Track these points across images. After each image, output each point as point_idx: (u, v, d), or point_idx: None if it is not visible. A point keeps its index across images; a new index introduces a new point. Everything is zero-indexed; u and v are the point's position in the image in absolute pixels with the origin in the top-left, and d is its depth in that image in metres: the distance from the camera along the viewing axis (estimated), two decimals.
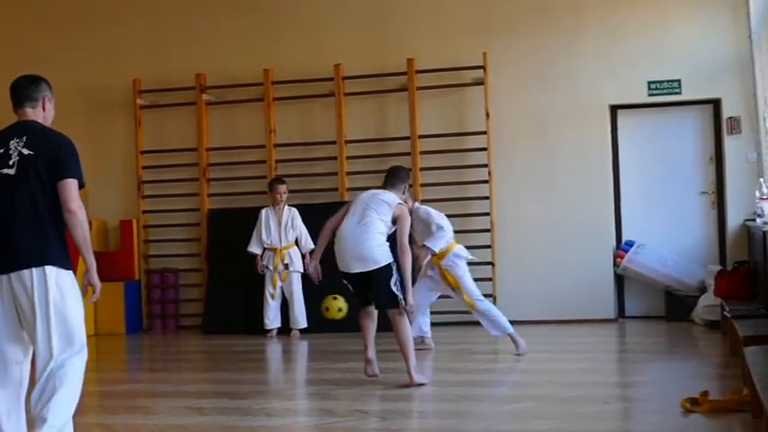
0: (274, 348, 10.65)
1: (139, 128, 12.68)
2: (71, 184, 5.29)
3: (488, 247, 11.67)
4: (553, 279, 11.62)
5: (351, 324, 11.02)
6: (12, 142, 5.31)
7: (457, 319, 11.69)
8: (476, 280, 11.60)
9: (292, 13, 12.39)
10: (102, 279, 12.49)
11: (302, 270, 11.09)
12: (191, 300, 12.47)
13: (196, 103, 12.47)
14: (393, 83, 12.00)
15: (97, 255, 12.19)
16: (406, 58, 11.83)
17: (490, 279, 11.64)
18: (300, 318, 11.19)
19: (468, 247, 11.69)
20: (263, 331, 11.22)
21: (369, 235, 7.96)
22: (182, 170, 12.61)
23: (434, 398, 7.28)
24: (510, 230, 11.71)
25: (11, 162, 5.26)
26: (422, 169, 11.83)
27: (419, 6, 12.09)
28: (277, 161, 12.22)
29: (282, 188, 11.32)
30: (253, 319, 11.41)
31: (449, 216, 11.67)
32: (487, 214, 11.69)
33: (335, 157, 12.05)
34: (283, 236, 11.24)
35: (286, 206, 11.33)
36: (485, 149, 11.69)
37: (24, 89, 5.54)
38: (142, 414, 7.06)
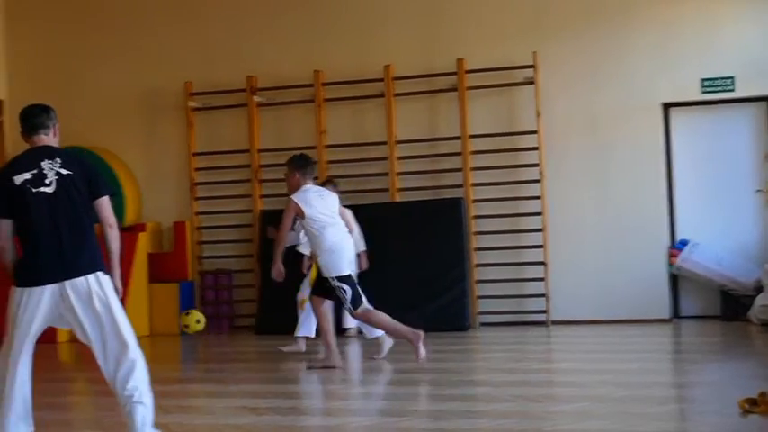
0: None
1: (191, 130, 12.80)
2: (107, 202, 5.85)
3: (540, 246, 11.62)
4: (606, 279, 11.55)
5: (415, 324, 11.12)
6: (44, 163, 5.76)
7: (509, 320, 11.69)
8: (528, 280, 11.65)
9: (343, 14, 12.43)
10: (156, 280, 12.74)
11: (357, 271, 11.07)
12: (244, 301, 12.56)
13: (247, 104, 12.56)
14: (443, 83, 11.99)
15: (152, 256, 12.46)
16: (456, 58, 11.83)
17: (542, 279, 11.60)
18: (350, 318, 11.15)
19: (519, 248, 11.75)
20: (315, 331, 11.23)
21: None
22: (234, 172, 12.70)
23: (488, 398, 7.26)
24: (562, 230, 11.65)
25: (47, 181, 5.70)
26: (473, 169, 11.81)
27: (469, 6, 12.07)
28: (328, 162, 12.27)
29: (328, 189, 11.19)
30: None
31: (501, 216, 11.74)
32: (539, 214, 11.64)
33: (386, 158, 12.07)
34: None
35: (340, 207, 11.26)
36: (536, 149, 11.64)
37: (38, 117, 6.03)
38: (198, 414, 7.12)
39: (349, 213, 11.06)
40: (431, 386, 7.66)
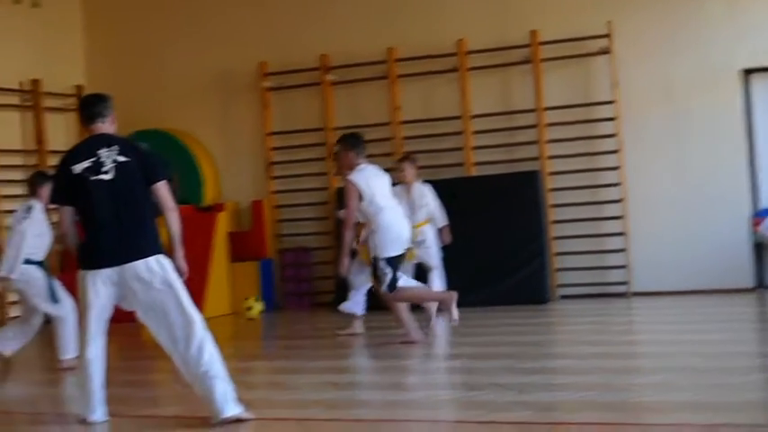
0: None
1: (266, 110, 12.90)
2: (165, 186, 6.00)
3: (620, 217, 11.51)
4: (687, 248, 11.40)
5: (495, 298, 11.12)
6: (101, 152, 5.93)
7: (589, 292, 11.60)
8: (608, 251, 11.55)
9: None
10: (236, 259, 12.85)
11: (436, 246, 11.10)
12: (323, 278, 12.64)
13: (321, 83, 12.61)
14: (516, 55, 11.90)
15: (231, 235, 12.57)
16: (529, 30, 11.72)
17: (623, 250, 11.49)
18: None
19: (598, 219, 11.64)
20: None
21: None
22: (309, 150, 12.77)
23: (571, 370, 7.23)
24: (641, 200, 11.51)
25: (105, 169, 5.89)
26: (548, 141, 11.72)
27: None
28: (403, 138, 12.27)
29: (404, 165, 11.16)
30: None
31: (579, 188, 11.63)
32: (618, 185, 11.52)
33: (461, 133, 12.03)
34: (414, 214, 11.15)
35: (418, 183, 11.20)
36: (613, 119, 11.51)
37: (96, 106, 6.19)
38: (281, 389, 7.20)
39: (427, 189, 11.07)
40: (511, 359, 7.64)
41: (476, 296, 11.21)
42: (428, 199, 11.08)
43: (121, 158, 5.90)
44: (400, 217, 8.90)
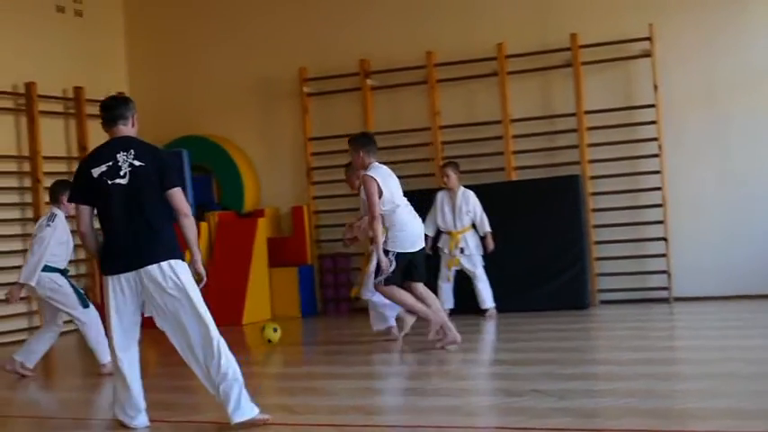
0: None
1: (306, 115, 12.94)
2: (180, 192, 6.00)
3: (661, 222, 11.41)
4: (729, 253, 11.28)
5: (535, 303, 11.08)
6: (119, 155, 5.96)
7: (630, 297, 11.52)
8: (649, 256, 11.44)
9: None
10: (276, 265, 12.88)
11: (482, 253, 11.08)
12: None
13: (361, 88, 12.63)
14: (557, 59, 11.85)
15: (271, 241, 12.61)
16: (569, 34, 11.66)
17: (664, 255, 11.39)
18: (487, 298, 11.15)
19: (639, 224, 11.55)
20: None
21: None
22: (348, 155, 12.72)
23: (612, 377, 7.18)
24: (683, 204, 11.41)
25: (122, 173, 5.92)
26: (589, 145, 11.65)
27: None
28: (443, 143, 12.26)
29: (447, 171, 11.18)
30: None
31: (620, 192, 11.55)
32: (659, 189, 11.42)
33: (501, 137, 11.99)
34: (458, 219, 11.15)
35: (461, 189, 11.19)
36: (654, 123, 11.42)
37: (116, 108, 6.20)
38: (320, 395, 7.21)
39: (472, 195, 11.06)
40: (551, 365, 7.60)
41: (516, 301, 11.18)
42: (472, 205, 11.08)
43: (137, 163, 5.93)
44: (414, 216, 8.93)
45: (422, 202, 11.65)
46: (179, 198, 5.98)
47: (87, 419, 7.01)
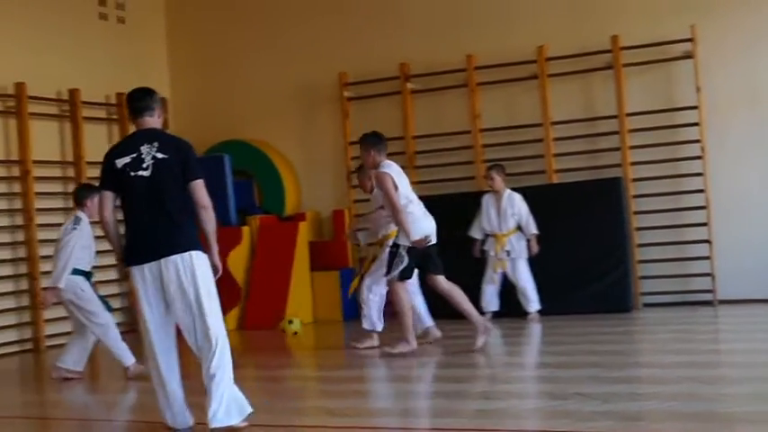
0: (491, 332, 10.64)
1: (347, 119, 12.97)
2: (202, 185, 6.03)
3: (704, 224, 11.32)
4: None
5: (577, 306, 11.04)
6: (143, 147, 6.00)
7: (674, 300, 11.44)
8: (692, 259, 11.35)
9: None
10: (317, 268, 12.91)
11: (527, 256, 11.06)
12: None
13: (401, 92, 12.64)
14: (598, 61, 11.79)
15: (312, 245, 12.65)
16: (610, 36, 11.60)
17: (707, 257, 11.29)
18: (532, 301, 11.13)
19: (682, 226, 11.46)
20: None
21: None
22: (389, 159, 12.74)
23: (656, 380, 7.14)
24: (727, 207, 11.30)
25: (145, 165, 5.95)
26: (631, 148, 11.59)
27: None
28: (483, 146, 12.24)
29: (492, 174, 11.20)
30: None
31: (662, 195, 11.47)
32: (702, 191, 11.33)
33: (542, 140, 11.96)
34: (503, 222, 11.15)
35: (507, 191, 11.19)
36: (696, 125, 11.33)
37: (142, 99, 6.23)
38: (363, 398, 7.24)
39: (518, 198, 11.06)
40: (595, 368, 7.57)
41: (558, 304, 11.14)
42: (517, 208, 11.06)
43: (160, 155, 5.96)
44: (425, 213, 8.96)
45: (462, 205, 11.71)
46: (201, 190, 6.02)
47: (134, 421, 7.07)
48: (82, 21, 12.81)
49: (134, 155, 5.99)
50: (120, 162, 6.00)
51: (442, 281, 9.03)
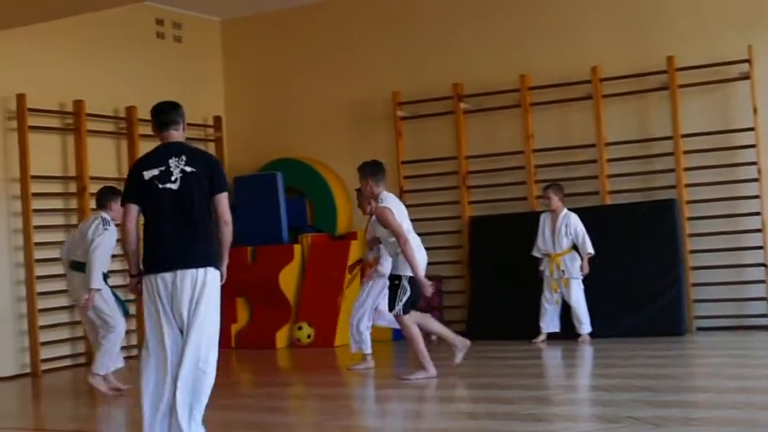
0: (541, 354, 10.60)
1: (400, 139, 12.99)
2: (225, 198, 6.14)
3: (760, 248, 11.15)
4: None
5: (630, 329, 10.94)
6: (171, 161, 6.06)
7: (728, 324, 11.29)
8: (748, 282, 11.18)
9: (547, 16, 12.33)
10: None
11: (580, 276, 10.99)
12: (454, 306, 12.62)
13: (454, 111, 12.64)
14: (653, 82, 11.70)
15: (363, 264, 12.61)
16: (665, 56, 11.51)
17: (763, 281, 11.13)
18: (584, 323, 11.04)
19: (738, 249, 11.30)
20: (528, 337, 11.18)
21: None
22: (442, 179, 12.80)
23: (710, 405, 7.04)
24: None
25: (173, 178, 6.02)
26: (686, 169, 11.47)
27: (677, 3, 11.72)
28: (536, 166, 12.19)
29: (548, 193, 11.17)
30: (518, 325, 11.40)
31: (717, 217, 11.32)
32: (758, 214, 11.18)
33: (595, 161, 11.88)
34: (557, 242, 11.09)
35: (564, 211, 11.14)
36: (753, 146, 11.19)
37: (168, 113, 6.32)
38: (413, 418, 7.22)
39: (574, 217, 11.02)
40: (647, 392, 7.48)
41: (611, 327, 11.05)
42: (573, 227, 11.00)
43: (188, 168, 6.02)
44: (420, 245, 9.02)
45: (515, 225, 11.67)
46: (224, 204, 6.10)
47: None
48: (139, 39, 12.99)
49: (162, 168, 6.05)
50: (149, 174, 6.06)
51: (415, 315, 9.11)
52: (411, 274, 8.77)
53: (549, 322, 11.13)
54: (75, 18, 11.18)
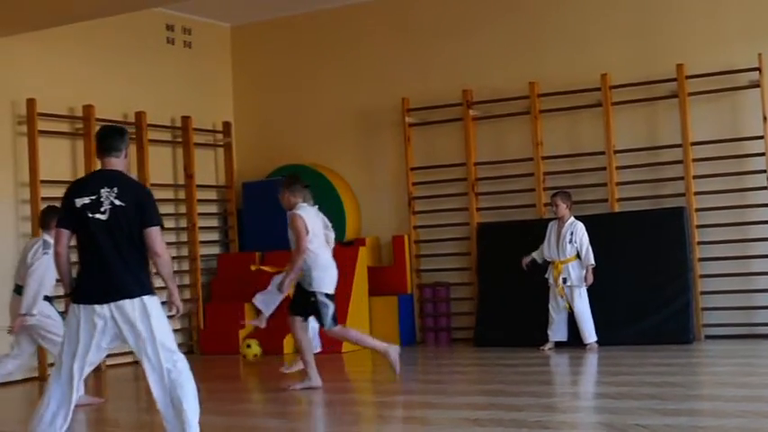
0: (549, 361, 10.58)
1: (409, 145, 12.99)
2: (156, 232, 6.00)
3: None
4: None
5: (638, 337, 10.91)
6: (103, 191, 5.99)
7: (737, 333, 11.26)
8: (757, 291, 11.16)
9: (557, 24, 12.33)
10: (375, 294, 12.97)
11: (583, 285, 10.97)
12: (462, 313, 12.61)
13: (463, 118, 12.64)
14: (662, 90, 11.69)
15: (371, 270, 12.66)
16: (675, 64, 11.50)
17: None
18: (588, 332, 11.01)
19: (747, 257, 11.27)
20: (535, 344, 11.16)
21: None
22: (451, 185, 12.79)
23: (718, 413, 7.01)
24: None
25: (102, 209, 5.95)
26: (695, 177, 11.45)
27: (687, 10, 11.71)
28: (545, 173, 12.17)
29: (556, 200, 11.17)
30: (525, 333, 11.39)
31: (726, 225, 11.29)
32: (767, 222, 11.15)
33: (604, 168, 11.86)
34: (561, 250, 11.09)
35: (571, 219, 11.13)
36: (762, 155, 11.16)
37: (111, 139, 6.19)
38: (419, 425, 7.20)
39: (579, 226, 10.99)
40: (655, 400, 7.46)
41: (619, 334, 11.03)
42: (578, 236, 10.98)
43: (117, 202, 5.94)
44: (330, 263, 9.18)
45: (524, 232, 11.66)
46: (155, 238, 5.96)
47: None
48: (149, 45, 13.03)
49: (93, 197, 5.98)
50: (80, 201, 5.99)
51: (304, 326, 9.21)
52: (326, 291, 8.95)
53: (557, 331, 11.11)
54: (85, 23, 11.25)
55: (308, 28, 13.81)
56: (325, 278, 9.01)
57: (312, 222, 9.10)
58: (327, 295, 8.98)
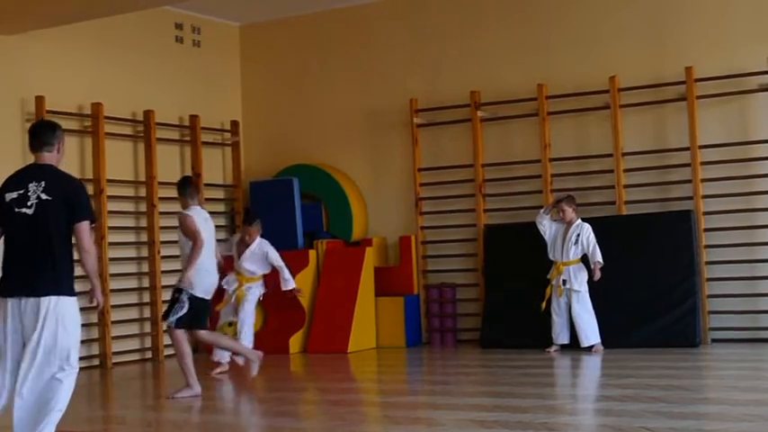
0: (554, 363, 10.58)
1: (416, 146, 12.99)
2: (85, 228, 6.01)
3: None
4: None
5: (643, 340, 10.90)
6: (31, 185, 6.00)
7: (744, 336, 11.24)
8: (764, 295, 11.14)
9: (566, 26, 12.32)
10: (382, 294, 12.96)
11: (585, 288, 10.95)
12: (468, 314, 12.61)
13: (471, 119, 12.63)
14: (671, 92, 11.67)
15: (378, 270, 12.69)
16: (683, 67, 11.48)
17: None
18: (588, 334, 11.00)
19: (754, 261, 11.25)
20: (541, 346, 11.16)
21: None
22: (458, 186, 12.79)
23: (723, 417, 7.00)
24: None
25: (29, 203, 5.95)
26: (703, 180, 11.43)
27: (696, 13, 11.70)
28: (552, 175, 12.16)
29: (562, 206, 11.17)
30: (531, 335, 11.38)
31: (734, 229, 11.27)
32: None
33: (612, 171, 11.85)
34: (565, 251, 11.08)
35: (578, 221, 11.13)
36: None
37: (43, 135, 6.21)
38: (425, 426, 7.19)
39: (586, 228, 10.97)
40: (661, 403, 7.45)
41: (624, 337, 11.02)
42: (583, 237, 10.98)
43: (44, 196, 5.94)
44: (214, 263, 9.19)
45: (531, 234, 11.63)
46: (83, 233, 5.97)
47: None
48: (158, 43, 13.05)
49: (21, 191, 6.00)
50: (9, 196, 6.02)
51: (204, 334, 9.21)
52: (198, 294, 8.87)
53: (560, 333, 11.11)
54: (94, 21, 11.27)
55: (316, 28, 13.82)
56: (198, 281, 8.88)
57: (202, 225, 9.10)
58: (194, 298, 8.86)
